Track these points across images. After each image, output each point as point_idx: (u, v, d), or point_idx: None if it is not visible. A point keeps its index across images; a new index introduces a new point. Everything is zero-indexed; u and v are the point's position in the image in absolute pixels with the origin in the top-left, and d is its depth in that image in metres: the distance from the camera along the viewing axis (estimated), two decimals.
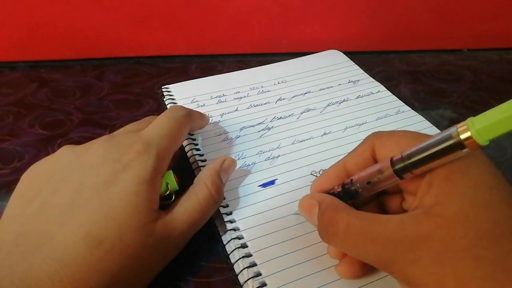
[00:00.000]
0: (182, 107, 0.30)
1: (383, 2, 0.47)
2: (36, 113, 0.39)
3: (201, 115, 0.33)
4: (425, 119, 0.37)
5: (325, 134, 0.35)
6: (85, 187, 0.22)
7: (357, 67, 0.44)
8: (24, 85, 0.43)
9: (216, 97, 0.39)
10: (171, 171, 0.27)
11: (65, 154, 0.25)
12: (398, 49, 0.50)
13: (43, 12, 0.44)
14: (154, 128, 0.27)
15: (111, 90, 0.43)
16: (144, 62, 0.47)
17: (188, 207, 0.25)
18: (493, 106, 0.16)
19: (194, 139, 0.34)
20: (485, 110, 0.16)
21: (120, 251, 0.21)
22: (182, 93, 0.40)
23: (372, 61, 0.47)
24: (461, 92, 0.43)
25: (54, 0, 0.43)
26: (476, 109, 0.40)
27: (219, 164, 0.28)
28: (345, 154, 0.25)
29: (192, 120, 0.30)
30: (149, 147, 0.24)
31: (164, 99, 0.40)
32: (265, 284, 0.24)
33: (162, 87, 0.41)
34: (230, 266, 0.26)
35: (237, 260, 0.25)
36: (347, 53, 0.47)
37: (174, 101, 0.39)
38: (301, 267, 0.25)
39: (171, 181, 0.27)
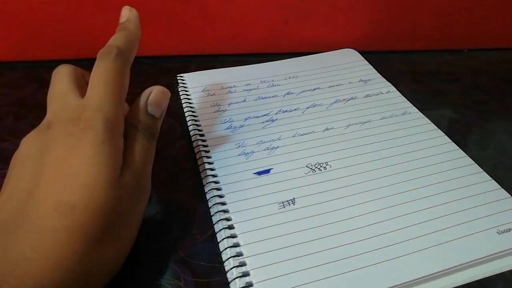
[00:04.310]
0: (110, 50, 0.27)
1: (384, 2, 0.47)
2: (36, 113, 0.39)
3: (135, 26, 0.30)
4: (430, 121, 0.37)
5: (327, 129, 0.36)
6: (45, 166, 0.23)
7: (371, 66, 0.45)
8: (24, 85, 0.43)
9: (227, 87, 0.41)
10: None
11: (27, 142, 0.25)
12: (398, 49, 0.50)
13: (43, 12, 0.44)
14: (93, 91, 0.25)
15: None
16: (144, 62, 0.47)
17: (133, 150, 0.25)
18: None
19: (199, 125, 0.36)
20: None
21: (95, 210, 0.21)
22: (195, 82, 0.42)
23: (372, 61, 0.47)
24: (461, 92, 0.43)
25: (54, 0, 0.43)
26: (476, 109, 0.40)
27: (144, 100, 0.27)
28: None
29: (127, 54, 0.28)
30: (95, 113, 0.24)
31: (178, 87, 0.41)
32: (248, 274, 0.25)
33: (177, 75, 0.43)
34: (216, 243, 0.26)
35: (223, 239, 0.26)
36: None
37: (186, 88, 0.41)
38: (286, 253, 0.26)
39: None
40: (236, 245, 0.26)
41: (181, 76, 0.43)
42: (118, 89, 0.26)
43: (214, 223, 0.28)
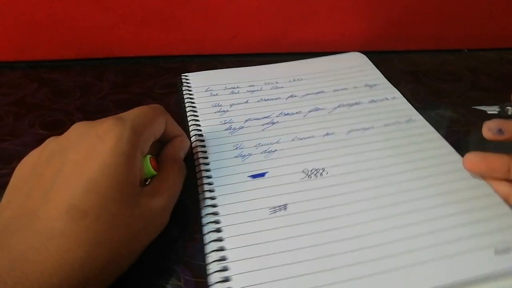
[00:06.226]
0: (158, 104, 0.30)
1: (383, 2, 0.47)
2: (36, 113, 0.39)
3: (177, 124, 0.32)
4: (435, 130, 0.35)
5: (327, 134, 0.35)
6: (65, 165, 0.23)
7: (378, 71, 0.44)
8: (24, 85, 0.43)
9: (230, 88, 0.41)
10: (148, 156, 0.27)
11: (50, 143, 0.26)
12: (398, 49, 0.50)
13: (43, 12, 0.44)
14: (128, 111, 0.27)
15: (111, 90, 0.43)
16: (144, 62, 0.47)
17: (167, 182, 0.27)
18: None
19: (199, 125, 0.36)
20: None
21: (107, 221, 0.22)
22: (198, 82, 0.42)
23: (372, 61, 0.47)
24: (461, 92, 0.43)
25: (54, 0, 0.43)
26: (476, 109, 0.40)
27: (179, 143, 0.30)
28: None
29: (167, 114, 0.30)
30: (122, 120, 0.25)
31: (182, 87, 0.41)
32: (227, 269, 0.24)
33: (182, 74, 0.43)
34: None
35: (210, 242, 0.26)
36: (347, 53, 0.46)
37: (189, 88, 0.41)
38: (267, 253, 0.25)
39: (147, 166, 0.27)
40: (221, 249, 0.25)
41: (186, 76, 0.43)
42: (151, 118, 0.27)
43: (203, 224, 0.27)
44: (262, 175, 0.31)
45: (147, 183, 0.27)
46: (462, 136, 0.37)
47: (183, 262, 0.26)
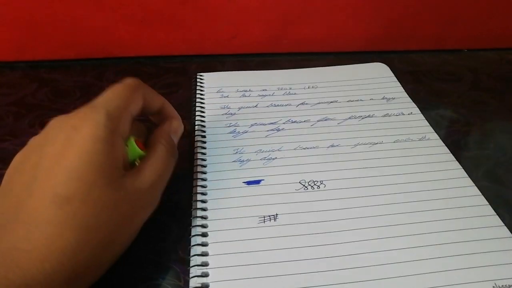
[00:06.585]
0: (133, 78, 0.29)
1: (383, 2, 0.47)
2: (36, 113, 0.39)
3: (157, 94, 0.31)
4: (449, 151, 0.34)
5: (332, 146, 0.34)
6: (44, 158, 0.23)
7: (399, 84, 0.42)
8: (24, 85, 0.43)
9: (242, 91, 0.40)
10: (132, 138, 0.27)
11: (30, 142, 0.26)
12: (398, 49, 0.50)
13: (43, 12, 0.44)
14: (101, 96, 0.27)
15: None
16: (144, 62, 0.47)
17: (153, 162, 0.26)
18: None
19: (204, 126, 0.36)
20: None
21: (92, 206, 0.22)
22: (212, 82, 0.41)
23: (372, 61, 0.47)
24: (461, 92, 0.43)
25: (54, 0, 0.43)
26: (476, 109, 0.40)
27: (168, 126, 0.30)
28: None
29: (144, 86, 0.29)
30: (96, 107, 0.25)
31: (197, 86, 0.41)
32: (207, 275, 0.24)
33: (197, 74, 0.43)
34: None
35: (194, 245, 0.26)
36: (347, 53, 0.46)
37: (202, 87, 0.41)
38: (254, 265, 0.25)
39: (132, 147, 0.27)
40: (204, 254, 0.25)
41: (201, 75, 0.42)
42: (126, 98, 0.27)
43: (191, 226, 0.27)
44: (257, 182, 0.30)
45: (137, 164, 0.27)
46: (462, 136, 0.37)
47: (183, 262, 0.26)
